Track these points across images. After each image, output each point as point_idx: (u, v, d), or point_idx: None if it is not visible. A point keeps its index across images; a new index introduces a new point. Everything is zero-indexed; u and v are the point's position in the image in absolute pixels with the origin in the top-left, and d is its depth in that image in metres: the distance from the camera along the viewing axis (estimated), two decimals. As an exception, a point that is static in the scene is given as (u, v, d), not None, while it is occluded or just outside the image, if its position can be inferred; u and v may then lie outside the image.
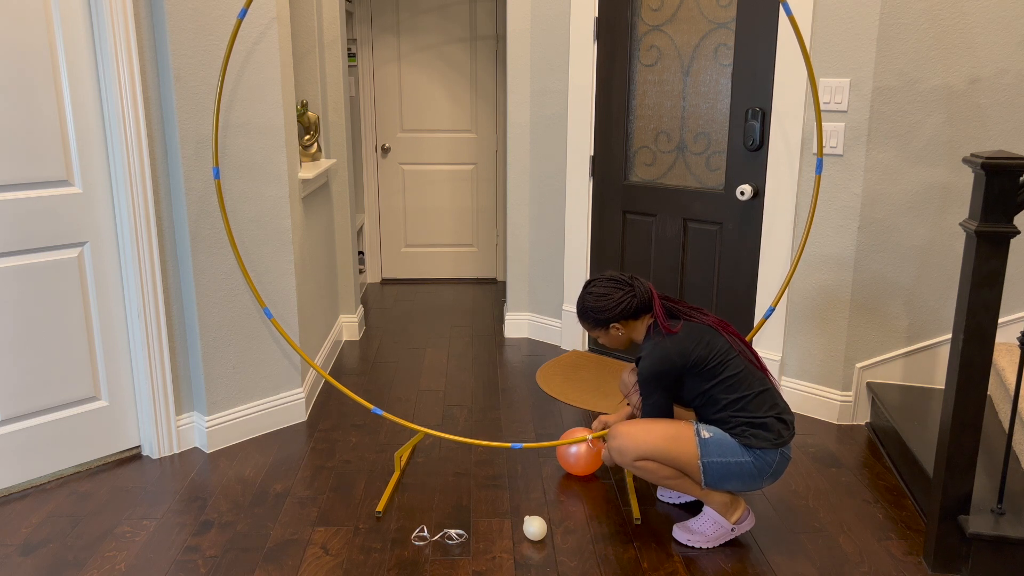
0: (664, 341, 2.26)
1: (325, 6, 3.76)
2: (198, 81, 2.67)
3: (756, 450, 2.22)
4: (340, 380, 3.62)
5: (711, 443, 2.22)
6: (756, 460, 2.22)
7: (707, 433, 2.23)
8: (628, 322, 2.35)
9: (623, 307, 2.31)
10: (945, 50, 2.83)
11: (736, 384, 2.22)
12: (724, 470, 2.22)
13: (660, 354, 2.25)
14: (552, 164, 3.94)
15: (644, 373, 2.29)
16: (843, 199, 3.02)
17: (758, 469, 2.22)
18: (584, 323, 2.40)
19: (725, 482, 2.25)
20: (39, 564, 2.23)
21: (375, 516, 2.48)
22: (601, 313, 2.34)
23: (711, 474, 2.23)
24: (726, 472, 2.23)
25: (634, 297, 2.32)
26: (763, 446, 2.21)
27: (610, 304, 2.32)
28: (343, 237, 4.07)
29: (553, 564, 2.25)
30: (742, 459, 2.22)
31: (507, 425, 3.16)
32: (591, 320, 2.37)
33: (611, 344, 2.42)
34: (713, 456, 2.22)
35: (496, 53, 5.09)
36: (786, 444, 2.23)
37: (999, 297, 2.02)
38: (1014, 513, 2.19)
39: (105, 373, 2.77)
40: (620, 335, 2.38)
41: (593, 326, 2.38)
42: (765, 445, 2.21)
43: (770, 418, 2.22)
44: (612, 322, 2.34)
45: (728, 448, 2.22)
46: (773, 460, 2.23)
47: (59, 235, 2.58)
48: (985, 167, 1.95)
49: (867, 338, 3.10)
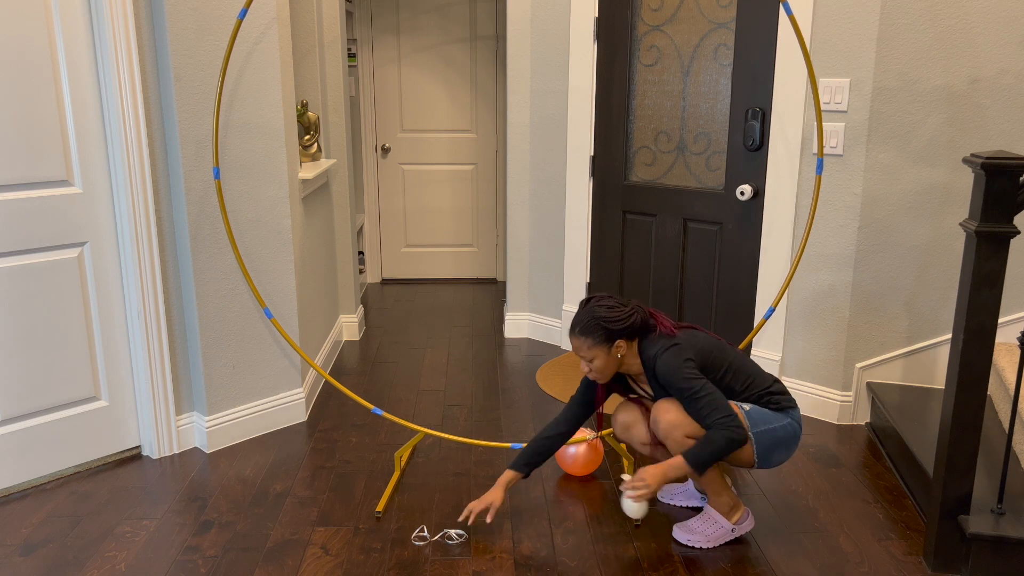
0: (671, 340, 2.25)
1: (325, 6, 3.76)
2: (198, 81, 2.67)
3: (788, 411, 2.29)
4: (340, 380, 3.62)
5: (753, 414, 2.24)
6: (792, 420, 2.28)
7: (746, 406, 2.26)
8: (630, 342, 2.28)
9: (633, 320, 2.24)
10: (945, 50, 2.83)
11: (740, 368, 2.29)
12: (772, 437, 2.24)
13: (675, 348, 2.23)
14: (552, 164, 3.94)
15: (673, 364, 2.20)
16: (843, 199, 3.02)
17: (796, 429, 2.29)
18: (588, 338, 2.26)
19: (773, 452, 2.26)
20: (39, 564, 2.23)
21: (375, 516, 2.48)
22: (613, 324, 2.23)
23: (762, 445, 2.23)
24: (774, 440, 2.24)
25: (640, 313, 2.27)
26: (791, 405, 2.30)
27: (623, 315, 2.24)
28: (343, 237, 4.07)
29: (553, 564, 2.25)
30: (784, 421, 2.27)
31: (507, 425, 3.16)
32: (600, 332, 2.24)
33: (601, 369, 2.28)
34: (760, 425, 2.23)
35: (496, 53, 5.10)
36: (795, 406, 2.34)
37: (999, 297, 2.02)
38: (1014, 513, 2.18)
39: (105, 373, 2.77)
40: (619, 356, 2.27)
41: (597, 341, 2.25)
42: (792, 404, 2.30)
43: (776, 383, 2.32)
44: (621, 336, 2.25)
45: (768, 415, 2.26)
46: (799, 417, 2.32)
47: (59, 235, 2.58)
48: (985, 167, 1.95)
49: (867, 338, 3.10)
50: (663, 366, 2.21)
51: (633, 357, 2.30)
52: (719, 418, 2.14)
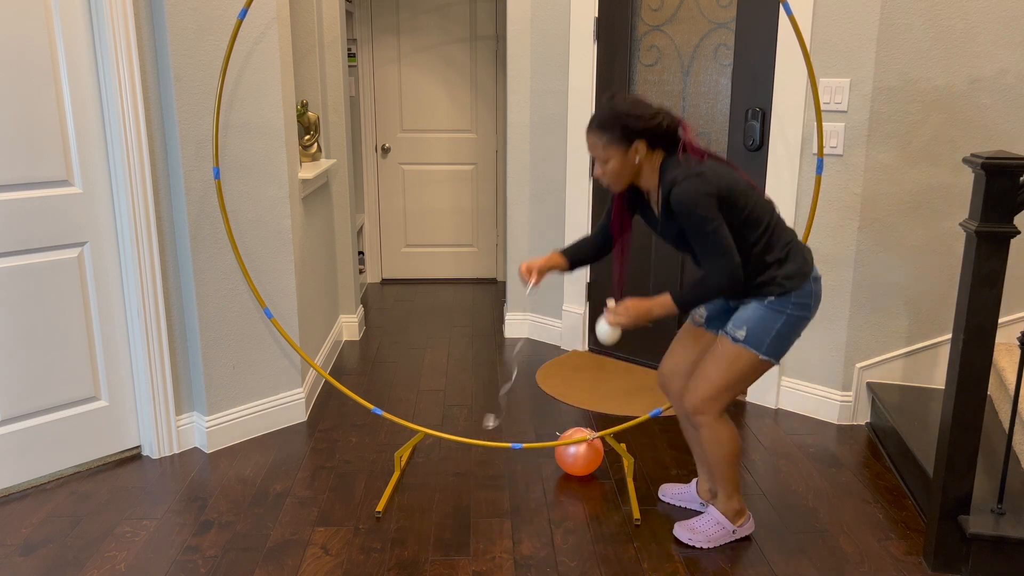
0: (696, 168, 2.02)
1: (325, 6, 3.76)
2: (198, 81, 2.67)
3: (791, 295, 2.10)
4: (340, 380, 3.62)
5: (750, 334, 2.12)
6: (797, 303, 2.10)
7: (740, 332, 2.13)
8: (650, 149, 2.06)
9: (658, 122, 2.03)
10: (945, 50, 2.83)
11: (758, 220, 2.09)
12: (778, 339, 2.12)
13: (697, 178, 2.00)
14: (552, 164, 3.94)
15: (690, 196, 1.98)
16: (843, 199, 3.02)
17: (803, 308, 2.12)
18: (605, 134, 2.05)
19: (786, 343, 2.13)
20: (39, 564, 2.23)
21: (375, 516, 2.48)
22: (634, 120, 2.02)
23: (773, 351, 2.13)
24: (780, 338, 2.12)
25: (666, 119, 2.04)
26: (796, 286, 2.10)
27: (646, 114, 2.03)
28: (343, 237, 4.08)
29: (553, 564, 2.25)
30: (784, 314, 2.10)
31: (507, 425, 3.16)
32: (619, 129, 2.03)
33: (615, 172, 2.09)
34: (763, 339, 2.11)
35: (496, 53, 5.10)
36: (812, 265, 2.14)
37: (999, 297, 2.02)
38: (1014, 513, 2.19)
39: (105, 373, 2.77)
40: (635, 161, 2.05)
41: (615, 139, 2.04)
42: (796, 284, 2.10)
43: (793, 243, 2.13)
44: (640, 136, 2.03)
45: (766, 320, 2.11)
46: (810, 290, 2.12)
47: (59, 235, 2.58)
48: (985, 167, 1.95)
49: (867, 338, 3.10)
50: (680, 194, 2.00)
51: (652, 171, 2.11)
52: (719, 262, 2.01)
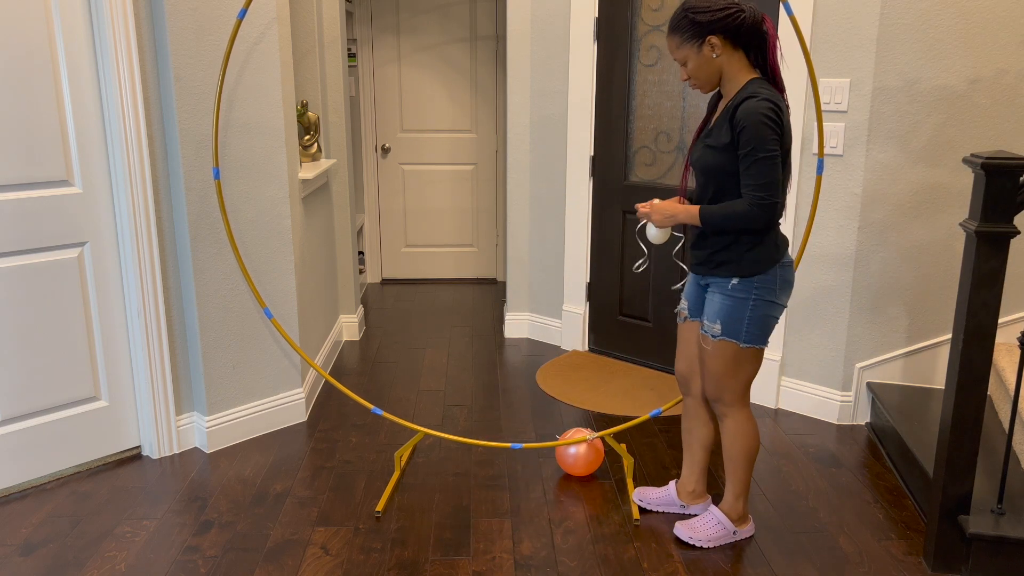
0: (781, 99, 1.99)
1: (325, 6, 3.76)
2: (198, 81, 2.67)
3: (753, 279, 2.09)
4: (340, 380, 3.62)
5: (724, 326, 2.13)
6: (760, 287, 2.09)
7: (716, 327, 2.15)
8: (728, 43, 1.99)
9: (729, 14, 1.95)
10: (945, 50, 2.83)
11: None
12: (752, 324, 2.12)
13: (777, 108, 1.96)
14: (552, 164, 3.94)
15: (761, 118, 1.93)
16: (843, 199, 3.02)
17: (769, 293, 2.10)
18: (676, 35, 2.00)
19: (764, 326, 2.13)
20: (39, 564, 2.23)
21: (375, 516, 2.48)
22: (700, 13, 1.95)
23: (752, 337, 2.13)
24: (754, 323, 2.12)
25: (743, 13, 1.96)
26: (760, 270, 2.08)
27: (715, 6, 1.96)
28: (343, 237, 4.08)
29: (553, 564, 2.25)
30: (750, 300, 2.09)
31: (507, 425, 3.16)
32: (687, 25, 1.97)
33: (695, 72, 2.02)
34: (738, 329, 2.12)
35: (496, 53, 5.10)
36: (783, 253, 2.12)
37: (999, 297, 2.02)
38: (1014, 513, 2.19)
39: (105, 373, 2.77)
40: (714, 58, 1.98)
41: (686, 37, 1.99)
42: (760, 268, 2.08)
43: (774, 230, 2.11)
44: (712, 32, 1.96)
45: (734, 310, 2.11)
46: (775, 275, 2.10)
47: (59, 235, 2.58)
48: (985, 167, 1.95)
49: (867, 338, 3.10)
50: (756, 107, 1.94)
51: (736, 75, 2.02)
52: (760, 193, 1.97)
